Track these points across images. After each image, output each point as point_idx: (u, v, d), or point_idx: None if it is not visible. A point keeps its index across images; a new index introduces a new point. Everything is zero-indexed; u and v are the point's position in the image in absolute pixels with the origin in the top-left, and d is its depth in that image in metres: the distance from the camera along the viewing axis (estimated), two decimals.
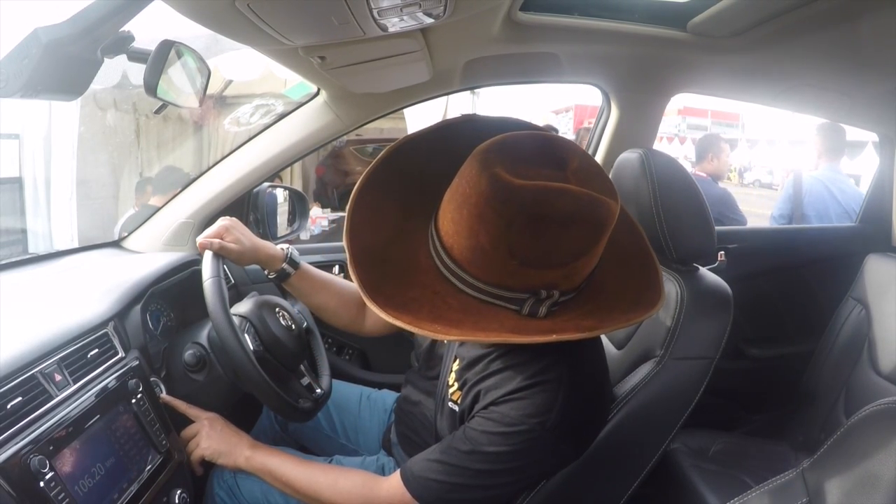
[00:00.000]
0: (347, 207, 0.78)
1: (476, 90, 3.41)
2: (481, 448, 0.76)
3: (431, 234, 0.76)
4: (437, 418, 0.92)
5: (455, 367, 0.89)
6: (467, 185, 0.69)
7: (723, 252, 1.67)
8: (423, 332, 0.70)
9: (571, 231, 0.68)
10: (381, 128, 7.43)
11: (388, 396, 1.24)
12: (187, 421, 0.97)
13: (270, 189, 1.45)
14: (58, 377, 0.77)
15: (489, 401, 0.78)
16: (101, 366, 0.85)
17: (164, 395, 0.95)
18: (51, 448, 0.70)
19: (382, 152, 0.83)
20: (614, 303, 0.77)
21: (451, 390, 0.88)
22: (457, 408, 0.86)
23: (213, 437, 0.93)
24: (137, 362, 0.91)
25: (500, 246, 0.68)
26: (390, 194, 0.81)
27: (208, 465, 1.03)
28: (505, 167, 0.67)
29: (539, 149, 0.72)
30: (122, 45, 0.78)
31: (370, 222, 0.78)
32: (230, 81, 4.24)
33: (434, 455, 0.81)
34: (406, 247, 0.78)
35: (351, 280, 0.74)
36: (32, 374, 0.74)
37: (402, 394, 1.08)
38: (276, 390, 0.90)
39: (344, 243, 0.75)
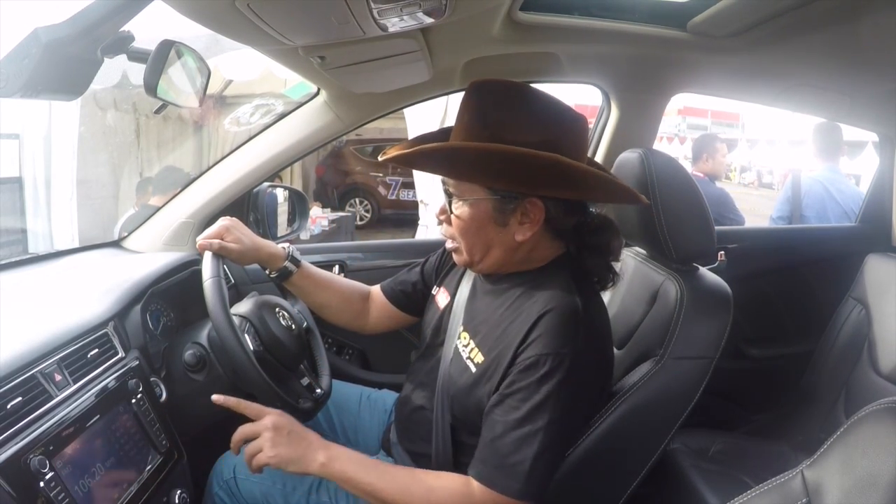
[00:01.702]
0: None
1: None
2: (534, 400, 0.77)
3: None
4: (447, 384, 0.92)
5: (465, 324, 0.93)
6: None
7: (723, 252, 1.67)
8: (421, 150, 0.84)
9: (541, 105, 0.84)
10: (381, 128, 7.44)
11: (388, 396, 1.24)
12: (188, 422, 0.96)
13: (270, 189, 1.45)
14: (58, 377, 0.77)
15: (514, 353, 0.81)
16: (101, 366, 0.85)
17: (215, 395, 0.86)
18: (51, 448, 0.70)
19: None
20: None
21: (468, 351, 0.90)
22: (474, 367, 0.87)
23: (280, 444, 0.82)
24: (137, 362, 0.91)
25: (475, 120, 0.83)
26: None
27: (208, 464, 1.03)
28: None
29: None
30: (122, 45, 0.78)
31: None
32: (230, 81, 4.25)
33: (497, 443, 0.79)
34: None
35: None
36: (32, 374, 0.74)
37: (403, 392, 1.08)
38: (276, 390, 0.90)
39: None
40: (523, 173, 0.81)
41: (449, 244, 0.93)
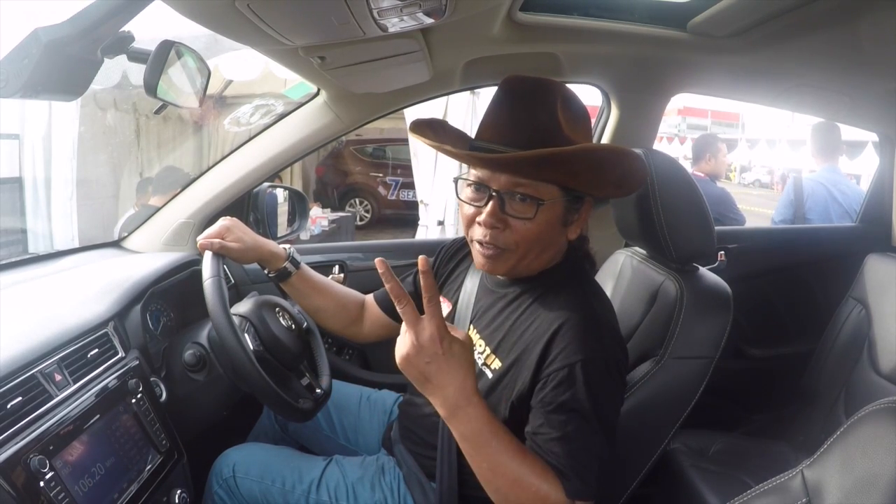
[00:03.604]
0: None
1: (476, 90, 3.41)
2: (581, 408, 0.76)
3: None
4: None
5: (480, 330, 0.92)
6: None
7: (723, 252, 1.67)
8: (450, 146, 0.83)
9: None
10: (381, 128, 7.45)
11: (388, 396, 1.24)
12: (188, 422, 0.96)
13: (270, 189, 1.45)
14: (58, 377, 0.77)
15: (537, 365, 0.79)
16: (101, 366, 0.85)
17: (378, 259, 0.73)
18: (51, 448, 0.70)
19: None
20: None
21: (484, 357, 0.89)
22: (491, 374, 0.86)
23: (426, 358, 0.71)
24: (137, 362, 0.91)
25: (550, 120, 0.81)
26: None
27: (208, 464, 1.03)
28: None
29: None
30: (122, 45, 0.78)
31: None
32: (230, 81, 4.24)
33: (560, 458, 0.76)
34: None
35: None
36: (32, 374, 0.74)
37: (405, 397, 1.08)
38: (276, 390, 0.90)
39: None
40: (613, 174, 0.82)
41: (491, 251, 0.82)
